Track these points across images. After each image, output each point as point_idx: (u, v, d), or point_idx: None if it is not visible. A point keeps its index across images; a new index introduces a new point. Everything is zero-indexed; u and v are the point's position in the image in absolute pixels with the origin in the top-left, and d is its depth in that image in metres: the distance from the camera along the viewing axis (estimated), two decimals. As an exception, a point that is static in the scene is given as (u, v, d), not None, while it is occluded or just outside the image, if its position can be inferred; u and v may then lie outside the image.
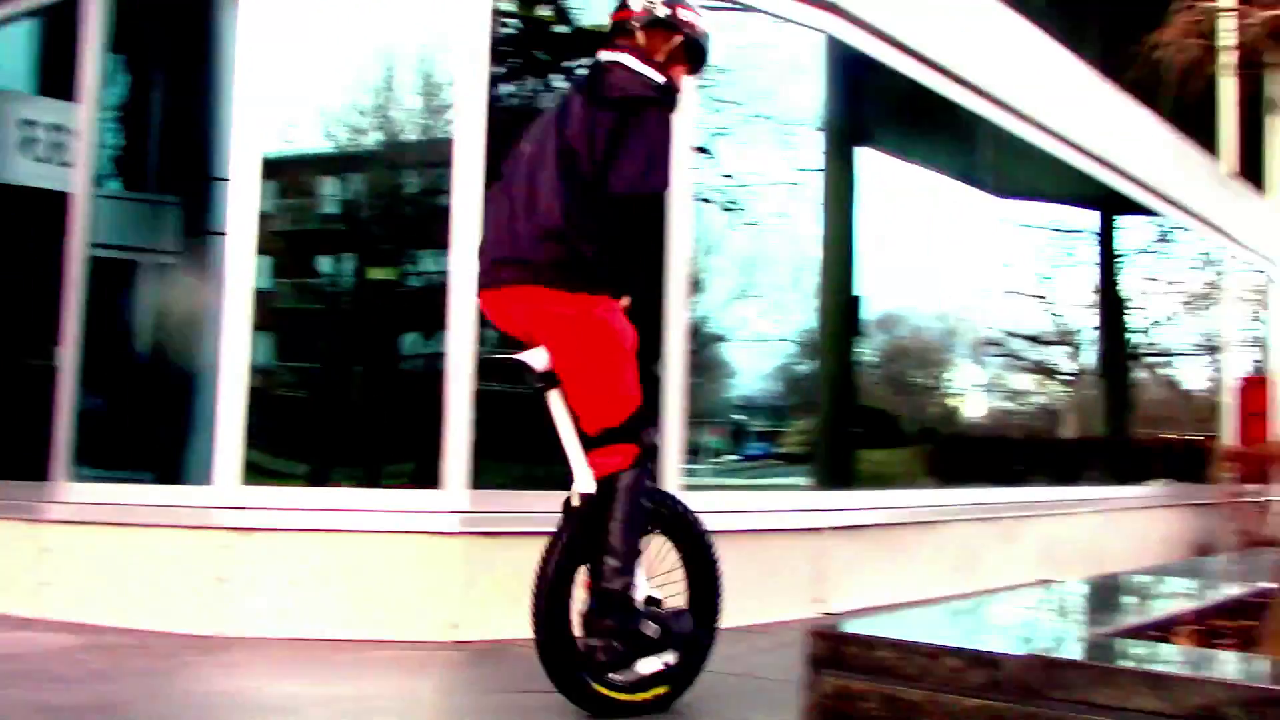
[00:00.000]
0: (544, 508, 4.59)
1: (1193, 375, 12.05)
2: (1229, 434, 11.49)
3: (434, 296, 4.70)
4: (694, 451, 5.86)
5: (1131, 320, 10.54)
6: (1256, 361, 12.58)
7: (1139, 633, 3.36)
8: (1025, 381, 8.98)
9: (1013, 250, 8.39)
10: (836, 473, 5.93)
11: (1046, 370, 9.21)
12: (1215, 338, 11.84)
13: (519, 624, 4.44)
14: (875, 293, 6.64)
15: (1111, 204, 9.21)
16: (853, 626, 3.34)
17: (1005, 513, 6.95)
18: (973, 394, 7.93)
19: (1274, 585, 3.27)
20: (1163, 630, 3.42)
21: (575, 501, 3.32)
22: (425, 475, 4.54)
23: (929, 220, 7.37)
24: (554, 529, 3.36)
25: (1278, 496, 9.80)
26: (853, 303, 6.43)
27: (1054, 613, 3.99)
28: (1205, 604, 3.97)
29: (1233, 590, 4.25)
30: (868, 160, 6.64)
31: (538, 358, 3.30)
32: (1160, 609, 3.75)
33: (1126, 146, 8.68)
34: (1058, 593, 4.46)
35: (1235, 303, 12.03)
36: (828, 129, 6.05)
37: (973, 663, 2.81)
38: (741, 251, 6.04)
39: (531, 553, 4.39)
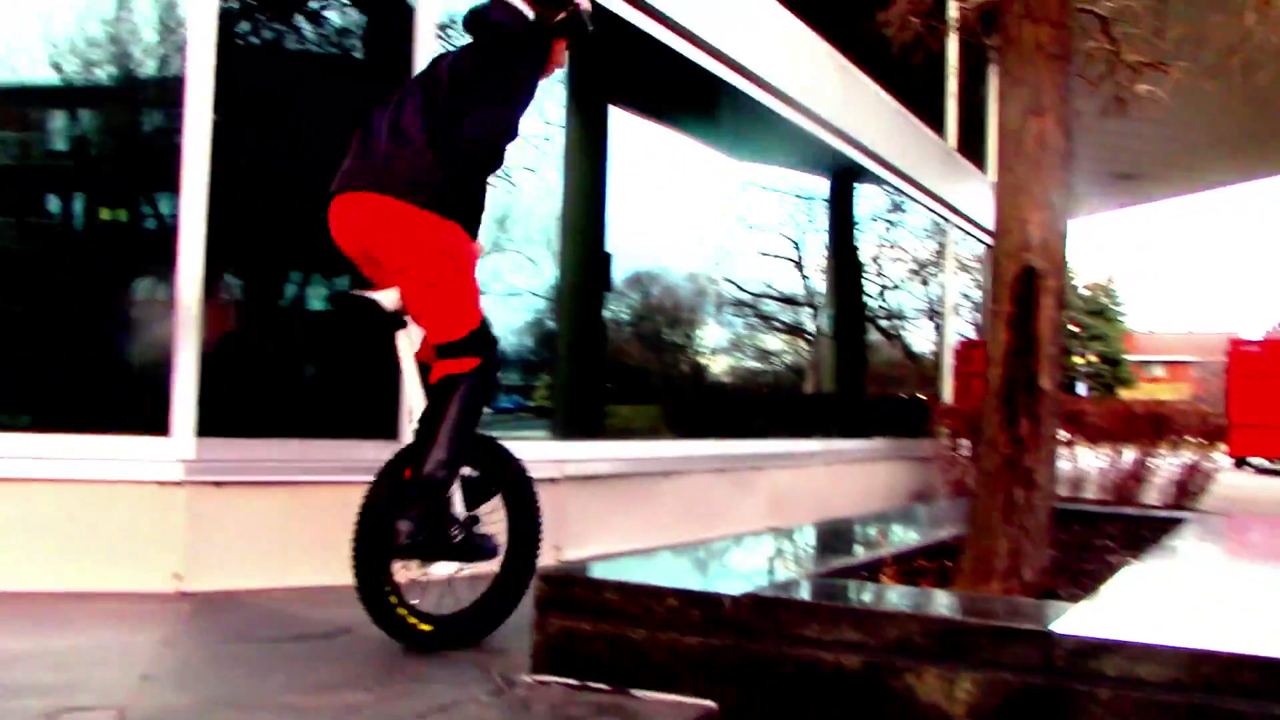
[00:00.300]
0: (274, 456, 4.53)
1: (918, 338, 12.77)
2: (947, 393, 12.28)
3: (163, 238, 4.52)
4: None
5: (865, 284, 11.07)
6: (975, 326, 13.48)
7: (850, 573, 3.60)
8: (765, 340, 9.32)
9: (756, 213, 8.69)
10: (578, 425, 6.05)
11: (785, 329, 9.59)
12: (938, 303, 12.61)
13: (247, 574, 4.38)
14: (625, 250, 6.76)
15: (847, 173, 9.64)
16: (579, 570, 3.44)
17: (740, 464, 7.23)
18: (715, 351, 8.19)
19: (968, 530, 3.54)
20: (871, 570, 3.67)
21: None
22: (151, 422, 4.37)
23: (678, 182, 7.54)
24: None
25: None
26: (602, 259, 6.53)
27: (775, 556, 4.21)
28: (912, 547, 4.27)
29: (938, 534, 4.59)
30: (618, 120, 6.74)
31: (388, 297, 3.37)
32: (872, 552, 4.01)
33: (860, 119, 9.09)
34: (782, 538, 4.69)
35: (957, 271, 12.83)
36: (575, 86, 6.11)
37: (692, 602, 2.95)
38: (490, 205, 6.03)
39: (260, 502, 4.31)
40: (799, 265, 9.53)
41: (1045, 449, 3.26)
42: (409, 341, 3.48)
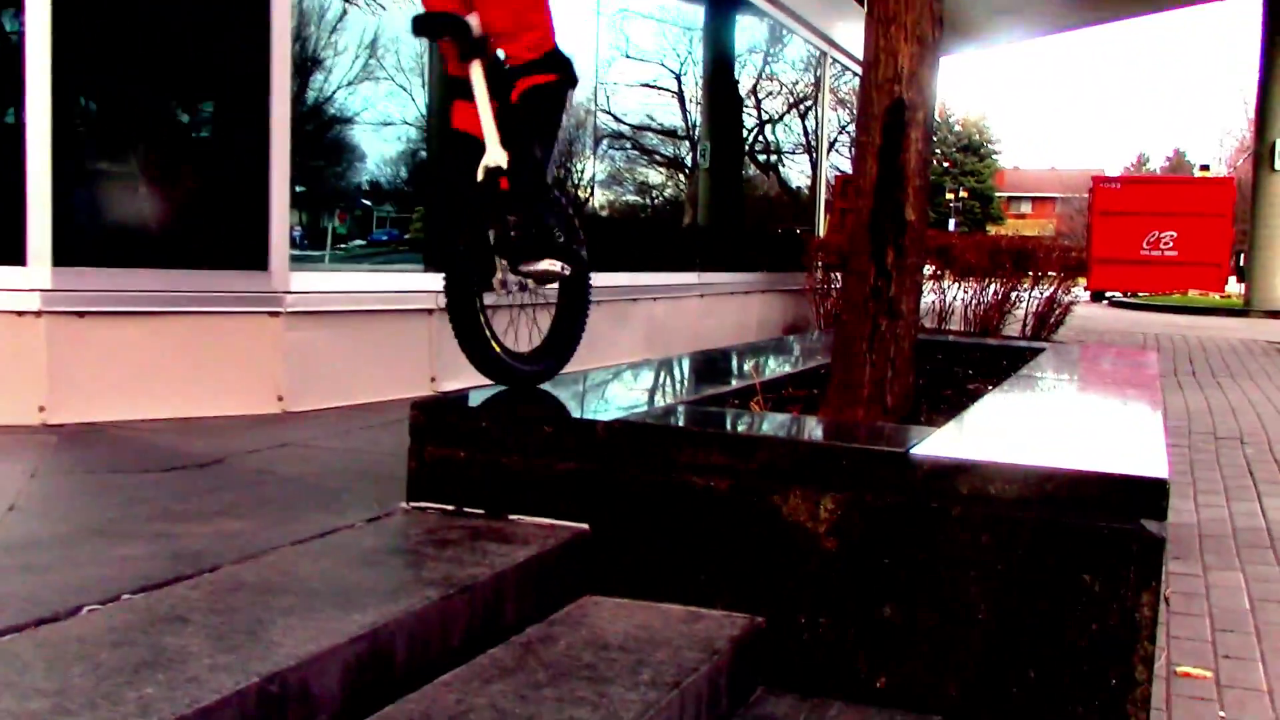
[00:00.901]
0: (137, 286, 4.41)
1: (795, 172, 12.84)
2: (822, 227, 12.44)
3: (10, 56, 4.27)
4: (317, 235, 5.74)
5: (743, 118, 11.03)
6: (851, 160, 13.58)
7: (721, 400, 3.69)
8: (643, 173, 9.28)
9: (633, 44, 8.54)
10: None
11: (663, 163, 9.55)
12: (815, 137, 12.66)
13: (114, 406, 4.30)
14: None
15: (725, 2, 9.50)
16: (455, 399, 3.47)
17: (617, 296, 7.26)
18: (593, 183, 8.13)
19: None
20: (742, 398, 3.76)
21: (480, 176, 3.39)
22: (5, 252, 4.20)
23: (557, 8, 7.35)
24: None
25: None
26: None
27: (649, 385, 4.29)
28: (782, 375, 4.38)
29: (808, 364, 4.71)
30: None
31: (473, 22, 3.38)
32: (743, 381, 4.10)
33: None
34: (657, 368, 4.77)
35: (834, 106, 12.85)
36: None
37: (566, 429, 3.00)
38: (360, 31, 5.82)
39: (125, 332, 4.20)
40: (677, 97, 9.45)
41: (910, 280, 3.34)
42: (482, 72, 3.43)
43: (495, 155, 3.38)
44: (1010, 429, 3.52)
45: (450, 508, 3.04)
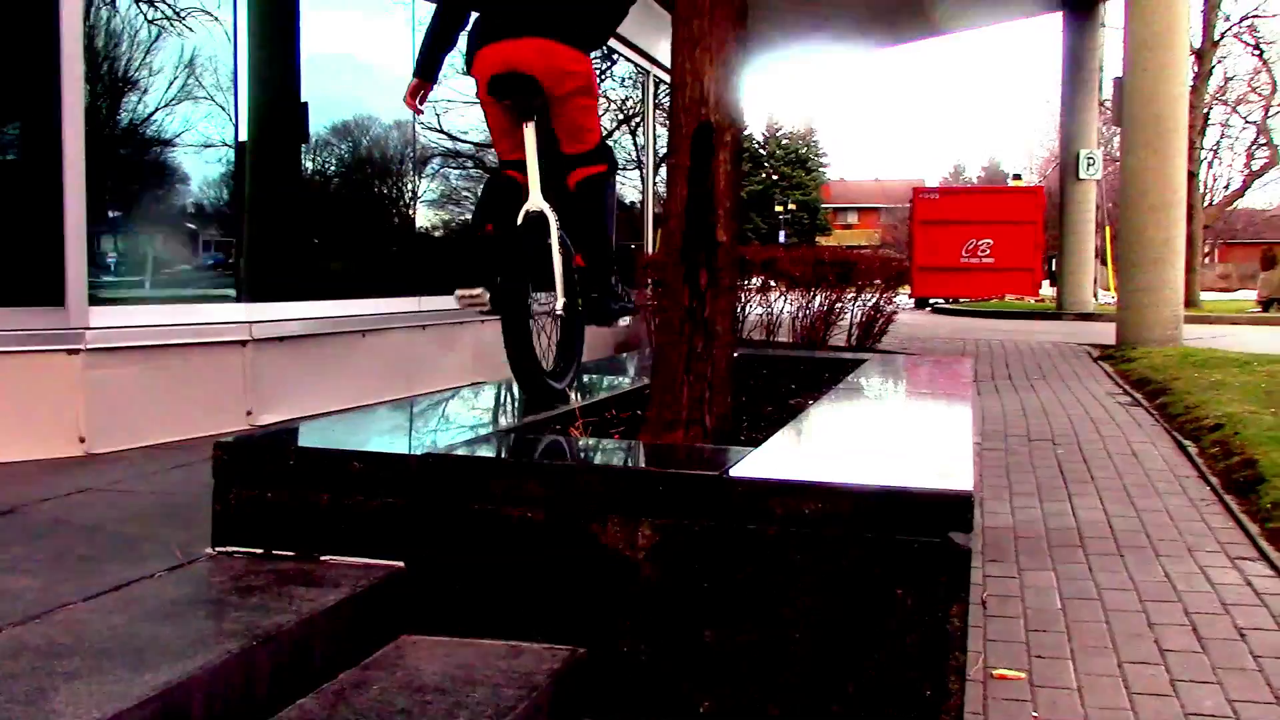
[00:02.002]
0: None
1: (625, 188, 12.89)
2: (651, 243, 12.51)
3: None
4: (127, 264, 5.49)
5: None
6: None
7: (540, 426, 3.64)
8: (468, 191, 9.17)
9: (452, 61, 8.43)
10: (269, 284, 5.80)
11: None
12: (644, 154, 12.74)
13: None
14: (327, 100, 6.46)
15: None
16: (261, 438, 3.34)
17: (443, 319, 7.16)
18: (420, 204, 7.99)
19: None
20: (563, 423, 3.72)
21: (520, 219, 3.94)
22: None
23: (384, 31, 7.22)
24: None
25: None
26: (297, 109, 6.22)
27: (469, 412, 4.22)
28: (604, 397, 4.37)
29: (631, 384, 4.70)
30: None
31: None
32: (566, 404, 4.07)
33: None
34: (480, 393, 4.70)
35: (661, 122, 12.96)
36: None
37: (377, 464, 2.91)
38: (176, 51, 5.60)
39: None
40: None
41: (724, 300, 3.35)
42: (534, 130, 3.98)
43: (536, 201, 3.96)
44: (826, 446, 3.57)
45: (259, 551, 2.92)
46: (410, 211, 7.83)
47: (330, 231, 6.90)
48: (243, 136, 5.87)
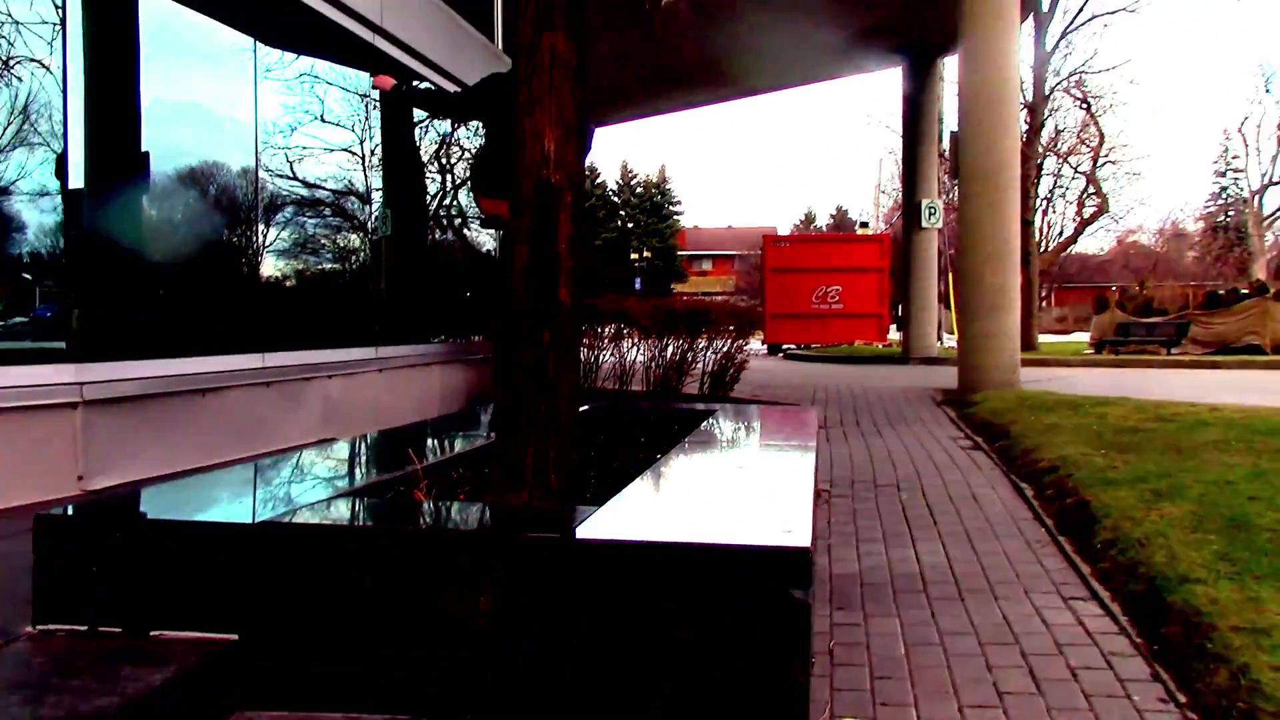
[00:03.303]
0: None
1: (483, 239, 12.85)
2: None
3: None
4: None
5: (424, 186, 10.94)
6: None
7: (385, 487, 3.58)
8: (321, 244, 9.02)
9: (311, 111, 8.32)
10: (102, 342, 5.59)
11: (341, 232, 9.32)
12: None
13: None
14: (170, 148, 6.30)
15: (399, 73, 9.44)
16: (83, 510, 3.21)
17: (289, 375, 7.00)
18: (266, 255, 7.82)
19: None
20: (407, 484, 3.66)
21: None
22: None
23: (228, 77, 7.07)
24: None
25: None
26: (139, 158, 6.04)
27: (314, 473, 4.12)
28: (451, 455, 4.32)
29: (480, 441, 4.66)
30: (151, 11, 6.19)
31: None
32: (410, 463, 4.01)
33: (405, 19, 8.91)
34: (328, 452, 4.60)
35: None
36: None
37: (209, 534, 2.83)
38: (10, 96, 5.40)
39: None
40: (354, 162, 9.26)
41: (567, 359, 3.36)
42: None
43: None
44: (672, 502, 3.59)
45: (83, 629, 2.79)
46: (257, 262, 7.66)
47: (171, 284, 6.70)
48: (76, 184, 5.67)
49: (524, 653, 2.60)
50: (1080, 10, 27.16)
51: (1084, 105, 30.88)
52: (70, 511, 3.09)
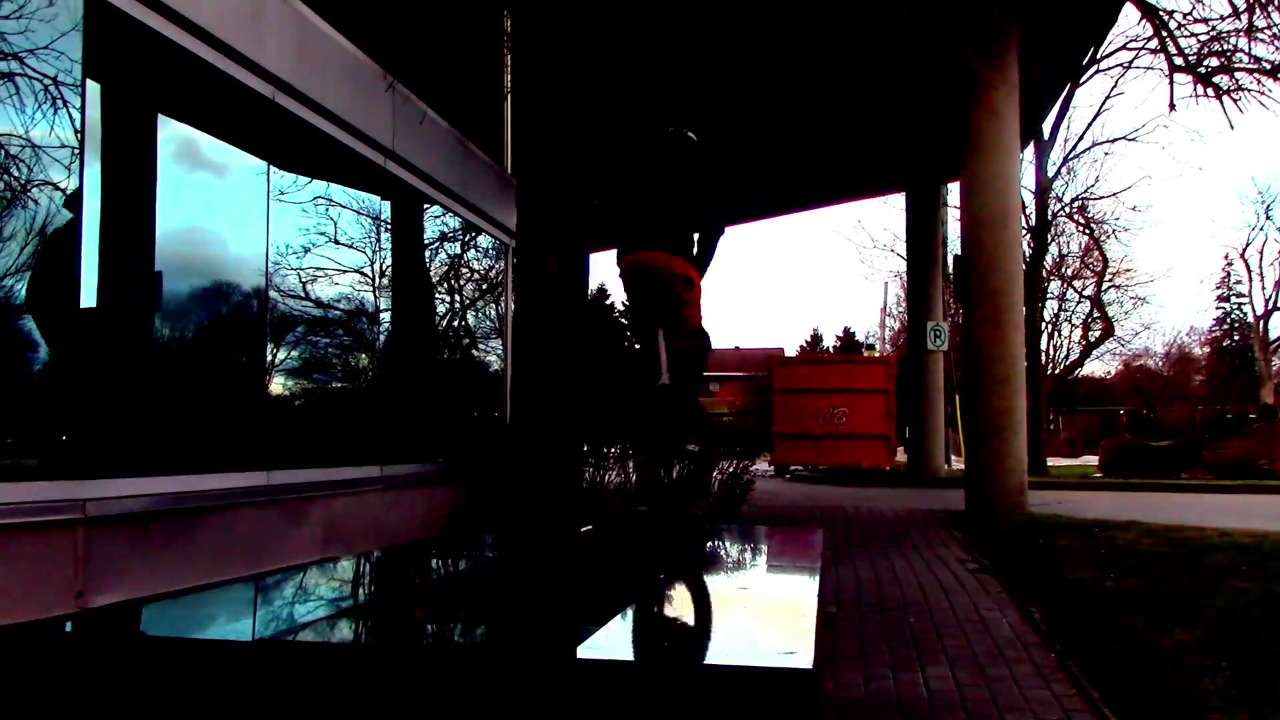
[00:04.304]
0: None
1: (488, 357, 12.94)
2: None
3: None
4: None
5: (432, 305, 11.05)
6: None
7: (380, 608, 3.56)
8: (325, 362, 9.08)
9: (320, 233, 8.45)
10: (105, 460, 5.60)
11: (346, 351, 9.38)
12: (505, 322, 12.84)
13: None
14: (182, 267, 6.42)
15: (410, 196, 9.62)
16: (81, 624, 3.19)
17: (290, 494, 6.98)
18: (270, 374, 7.87)
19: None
20: (407, 605, 3.64)
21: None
22: None
23: (240, 199, 7.22)
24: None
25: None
26: (151, 278, 6.13)
27: (316, 592, 4.10)
28: (453, 575, 4.30)
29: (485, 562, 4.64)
30: (170, 135, 6.36)
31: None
32: (406, 585, 3.99)
33: (417, 144, 9.12)
34: (331, 571, 4.58)
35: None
36: (111, 96, 5.69)
37: (205, 653, 2.80)
38: (18, 220, 5.50)
39: None
40: (365, 286, 9.37)
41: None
42: (661, 335, 6.14)
43: (665, 377, 5.87)
44: (674, 621, 3.56)
45: (74, 749, 2.75)
46: (258, 380, 7.69)
47: (178, 402, 6.73)
48: (88, 304, 5.73)
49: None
50: (1081, 138, 27.58)
51: (1086, 230, 31.26)
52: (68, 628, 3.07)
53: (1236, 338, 57.65)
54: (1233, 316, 58.87)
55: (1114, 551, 8.44)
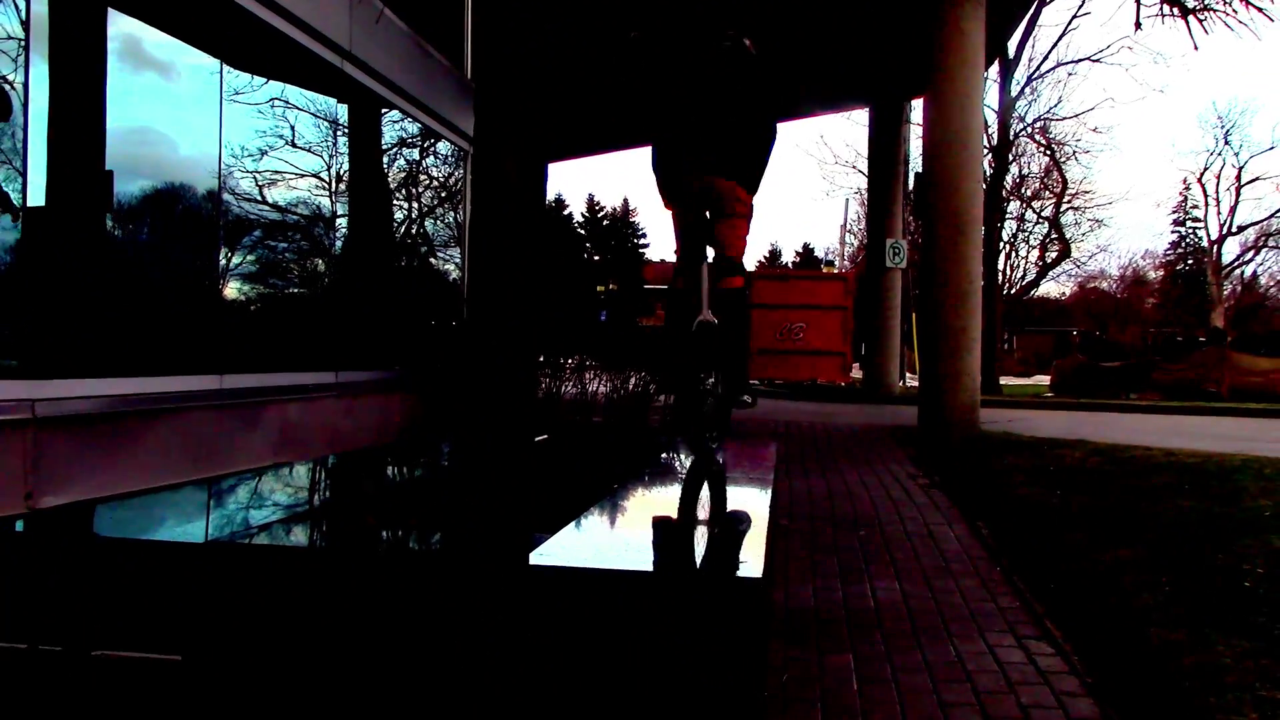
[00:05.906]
0: None
1: (445, 263, 12.82)
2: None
3: None
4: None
5: (389, 210, 10.91)
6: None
7: (334, 514, 3.56)
8: (281, 266, 8.96)
9: (276, 134, 8.29)
10: (55, 360, 5.53)
11: (302, 254, 9.27)
12: (463, 229, 12.71)
13: None
14: (135, 167, 6.28)
15: (366, 98, 9.44)
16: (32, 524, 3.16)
17: (244, 398, 6.93)
18: (226, 277, 7.76)
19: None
20: (361, 511, 3.64)
21: (694, 327, 5.37)
22: None
23: (196, 98, 7.05)
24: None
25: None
26: (101, 177, 6.00)
27: (270, 496, 4.09)
28: (407, 481, 4.29)
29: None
30: (120, 29, 6.17)
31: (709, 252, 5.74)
32: (360, 491, 3.99)
33: (370, 44, 8.93)
34: (286, 475, 4.56)
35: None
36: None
37: (154, 554, 2.79)
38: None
39: None
40: (321, 190, 9.23)
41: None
42: (705, 268, 5.53)
43: (706, 314, 5.43)
44: (627, 531, 3.58)
45: (22, 646, 2.74)
46: (213, 283, 7.59)
47: (131, 303, 6.63)
48: (36, 202, 5.61)
49: (474, 672, 2.58)
50: (1045, 58, 27.50)
51: (1047, 151, 31.30)
52: (19, 527, 3.05)
53: (1191, 262, 58.20)
54: (1188, 241, 59.39)
55: (1062, 470, 8.57)
